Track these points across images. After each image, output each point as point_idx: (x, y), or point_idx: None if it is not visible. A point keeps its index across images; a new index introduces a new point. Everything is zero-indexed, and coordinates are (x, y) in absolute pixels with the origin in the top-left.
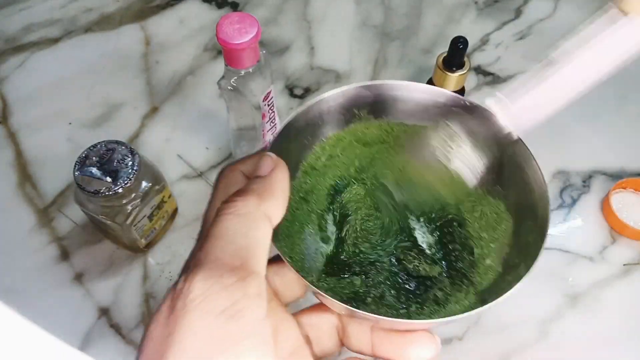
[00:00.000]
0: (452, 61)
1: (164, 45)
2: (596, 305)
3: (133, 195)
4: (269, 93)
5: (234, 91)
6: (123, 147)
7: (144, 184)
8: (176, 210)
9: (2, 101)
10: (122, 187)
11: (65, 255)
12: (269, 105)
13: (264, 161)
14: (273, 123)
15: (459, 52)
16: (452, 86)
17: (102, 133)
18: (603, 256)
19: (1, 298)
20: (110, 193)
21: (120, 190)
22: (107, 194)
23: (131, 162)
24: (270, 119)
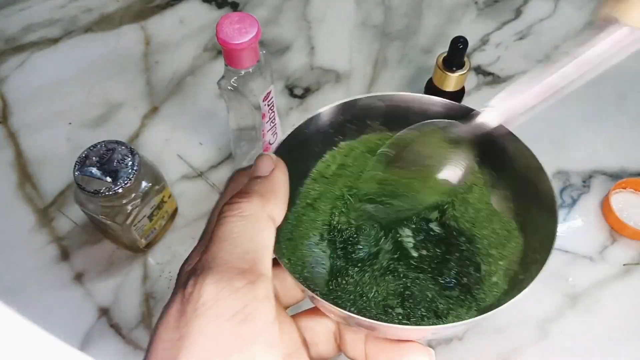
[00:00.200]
0: (452, 61)
1: (164, 45)
2: (596, 305)
3: (133, 195)
4: (269, 93)
5: (234, 91)
6: (123, 147)
7: (144, 184)
8: (176, 210)
9: (2, 101)
10: (122, 187)
11: (65, 255)
12: (269, 105)
13: (264, 161)
14: (273, 123)
15: (459, 52)
16: (452, 86)
17: (102, 133)
18: (603, 256)
19: (1, 298)
20: (110, 193)
21: (120, 190)
22: (107, 194)
23: (131, 162)
24: (270, 119)
